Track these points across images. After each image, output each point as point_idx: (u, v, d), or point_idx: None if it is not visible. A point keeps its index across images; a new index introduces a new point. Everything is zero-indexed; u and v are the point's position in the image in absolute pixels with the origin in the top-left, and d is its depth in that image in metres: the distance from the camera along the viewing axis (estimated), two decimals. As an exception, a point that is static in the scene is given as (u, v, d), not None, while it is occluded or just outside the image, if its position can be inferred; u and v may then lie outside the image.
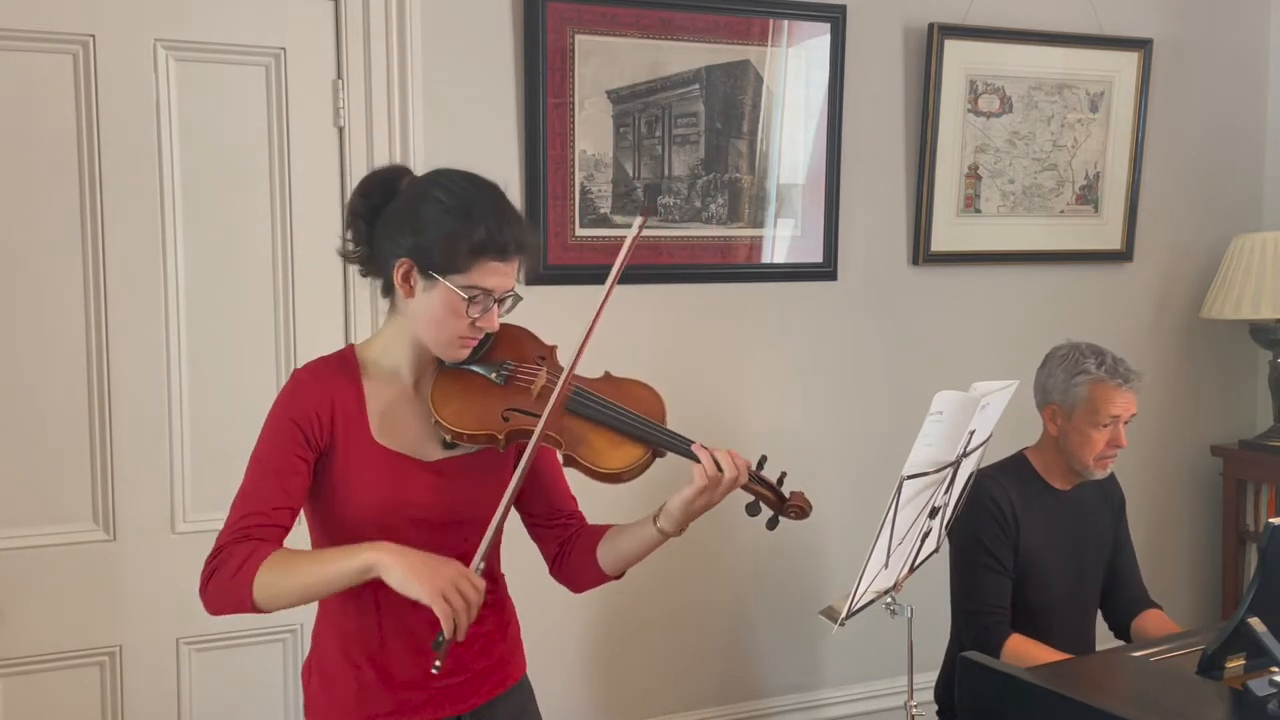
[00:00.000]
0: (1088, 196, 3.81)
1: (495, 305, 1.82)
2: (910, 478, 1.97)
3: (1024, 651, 2.64)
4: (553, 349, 1.95)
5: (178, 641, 2.84)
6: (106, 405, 2.75)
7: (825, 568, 3.54)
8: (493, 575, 1.96)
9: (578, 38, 3.09)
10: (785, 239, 3.41)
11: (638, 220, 1.88)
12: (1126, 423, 2.78)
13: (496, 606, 1.97)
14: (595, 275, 2.99)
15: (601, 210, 3.16)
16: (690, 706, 3.42)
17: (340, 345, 2.89)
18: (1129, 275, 3.93)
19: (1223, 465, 4.02)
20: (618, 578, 1.99)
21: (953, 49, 3.53)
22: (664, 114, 3.21)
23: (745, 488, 1.88)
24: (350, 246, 1.91)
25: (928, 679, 3.00)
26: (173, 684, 2.84)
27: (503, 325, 1.89)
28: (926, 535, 2.20)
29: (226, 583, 1.74)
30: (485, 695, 1.94)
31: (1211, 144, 4.03)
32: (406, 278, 1.81)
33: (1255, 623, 2.14)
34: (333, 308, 2.93)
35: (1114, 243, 3.87)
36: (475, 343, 1.86)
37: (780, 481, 1.95)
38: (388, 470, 1.83)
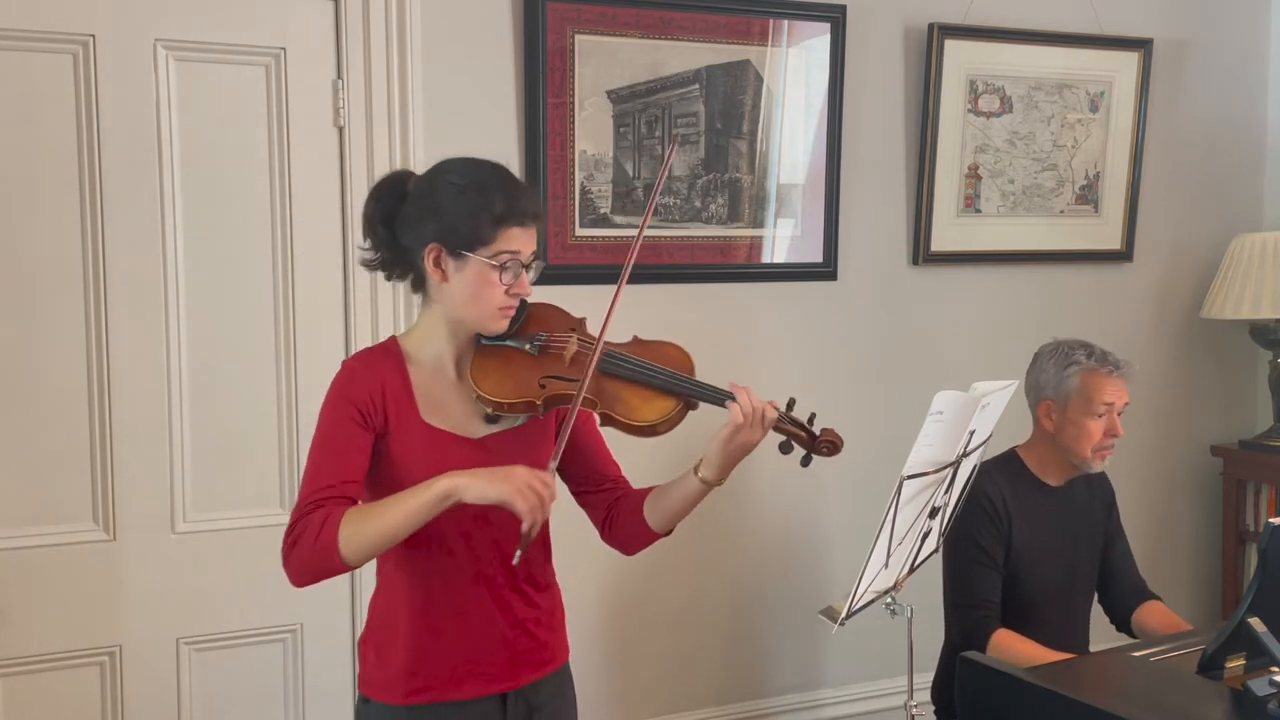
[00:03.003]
0: (1088, 196, 3.81)
1: (524, 270, 1.91)
2: (910, 478, 1.97)
3: (1010, 646, 2.65)
4: (581, 320, 2.04)
5: (178, 641, 2.84)
6: (106, 405, 2.75)
7: (825, 568, 3.55)
8: (543, 568, 2.06)
9: (578, 38, 3.09)
10: (785, 239, 3.41)
11: (669, 152, 2.05)
12: (1120, 412, 2.80)
13: (545, 595, 2.06)
14: (596, 275, 3.01)
15: (601, 210, 3.16)
16: (690, 706, 3.42)
17: (340, 345, 2.93)
18: (1129, 275, 3.93)
19: (1223, 465, 4.02)
20: (667, 534, 2.08)
21: (953, 49, 3.53)
22: (664, 114, 3.21)
23: (777, 428, 1.96)
24: (370, 254, 1.98)
25: (927, 679, 3.00)
26: (173, 684, 2.84)
27: (532, 304, 2.00)
28: (926, 535, 2.20)
29: (310, 547, 1.82)
30: (530, 675, 2.02)
31: (1211, 144, 4.03)
32: (438, 262, 1.90)
33: (1255, 623, 2.14)
34: (333, 308, 2.93)
35: (1114, 243, 3.87)
36: (513, 311, 1.95)
37: (811, 421, 2.01)
38: (438, 449, 1.92)
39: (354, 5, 2.88)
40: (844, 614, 2.05)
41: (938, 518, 2.19)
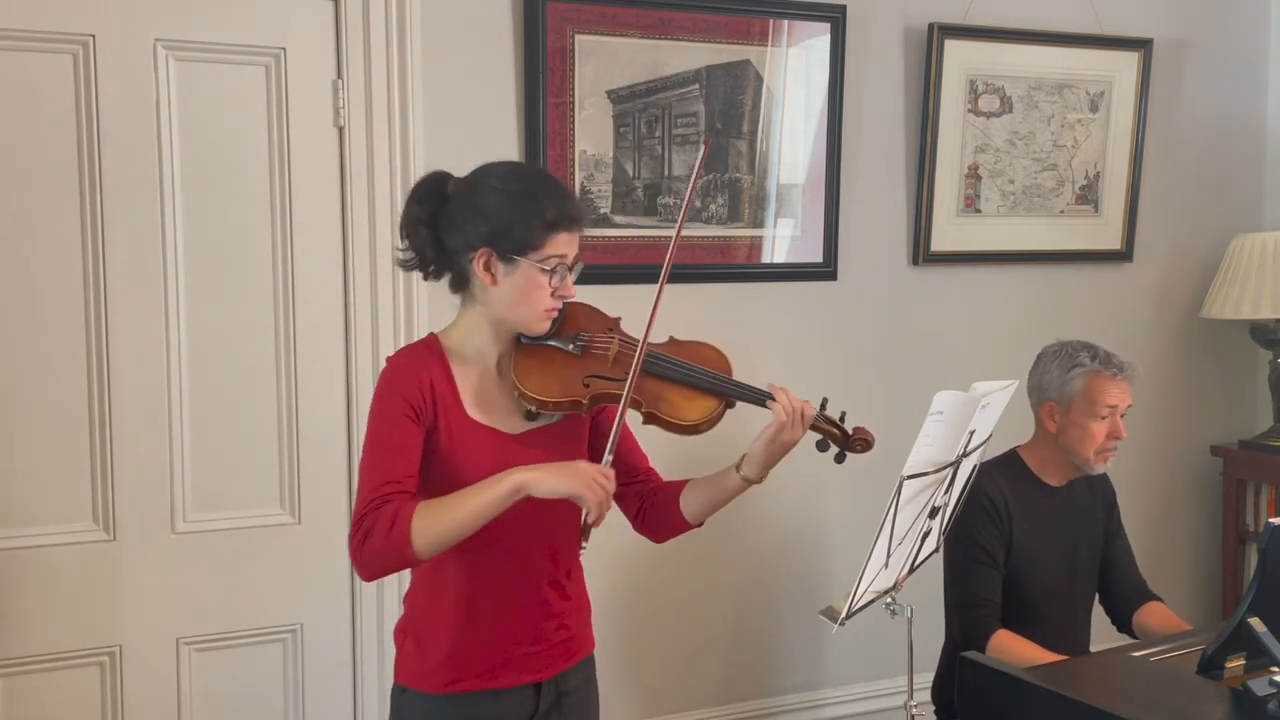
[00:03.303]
0: (1088, 196, 3.81)
1: (569, 273, 1.97)
2: (910, 478, 1.97)
3: (1010, 646, 2.65)
4: (617, 320, 2.11)
5: (178, 641, 2.84)
6: (106, 405, 2.75)
7: (826, 568, 3.54)
8: (575, 562, 2.12)
9: (578, 38, 3.09)
10: (785, 239, 3.41)
11: (701, 147, 2.16)
12: (1124, 414, 2.79)
13: (576, 587, 2.14)
14: (596, 276, 2.99)
15: (601, 210, 3.16)
16: (691, 706, 3.42)
17: (340, 345, 2.93)
18: (1129, 275, 3.93)
19: (1223, 465, 4.02)
20: (698, 525, 2.16)
21: (953, 49, 3.53)
22: (664, 114, 3.21)
23: (814, 426, 2.06)
24: (408, 255, 2.02)
25: (928, 679, 3.00)
26: (173, 684, 2.84)
27: (571, 303, 2.06)
28: (926, 535, 2.20)
29: (382, 541, 1.84)
30: (560, 665, 2.10)
31: (1211, 144, 4.03)
32: (488, 266, 1.95)
33: (1255, 623, 2.14)
34: (333, 307, 2.93)
35: (1114, 243, 3.87)
36: (556, 313, 2.01)
37: (842, 419, 2.10)
38: (483, 444, 1.97)
39: (354, 5, 2.88)
40: (844, 614, 2.05)
41: (938, 518, 2.19)
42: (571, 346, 2.03)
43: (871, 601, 2.15)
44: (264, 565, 2.91)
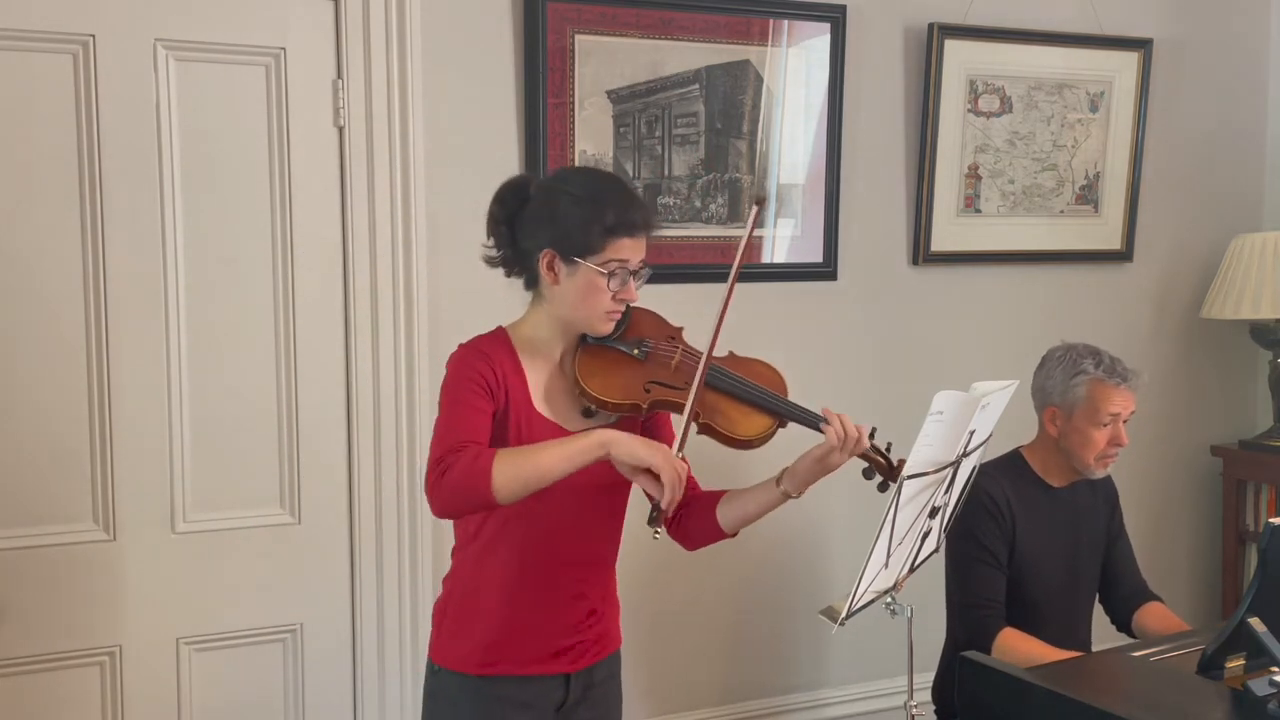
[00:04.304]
0: (1088, 196, 3.81)
1: (631, 278, 2.03)
2: (910, 478, 1.97)
3: (1016, 646, 2.65)
4: (679, 329, 2.17)
5: (178, 641, 2.84)
6: (106, 405, 2.75)
7: (825, 568, 3.54)
8: (606, 562, 2.19)
9: (578, 38, 3.09)
10: (785, 239, 3.41)
11: (752, 212, 2.16)
12: (1126, 421, 2.79)
13: (609, 586, 2.21)
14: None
15: (601, 210, 3.15)
16: (691, 706, 3.42)
17: (340, 345, 2.93)
18: (1129, 275, 3.93)
19: (1223, 465, 4.02)
20: (733, 535, 2.20)
21: (953, 49, 3.53)
22: (664, 114, 3.21)
23: (864, 455, 2.10)
24: (494, 252, 2.10)
25: (928, 679, 3.00)
26: (173, 684, 2.84)
27: (636, 309, 2.12)
28: (926, 535, 2.20)
29: (463, 474, 1.86)
30: (591, 658, 2.17)
31: (1211, 144, 4.03)
32: (551, 266, 2.02)
33: (1255, 623, 2.14)
34: (333, 307, 2.93)
35: (1114, 243, 3.87)
36: (619, 315, 2.06)
37: (888, 449, 2.14)
38: (547, 435, 2.02)
39: (354, 5, 2.88)
40: (844, 614, 2.05)
41: (938, 518, 2.19)
42: (636, 351, 2.09)
43: (871, 601, 2.15)
44: (264, 565, 2.91)
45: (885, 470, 2.13)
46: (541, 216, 2.03)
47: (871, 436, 2.11)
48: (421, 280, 2.95)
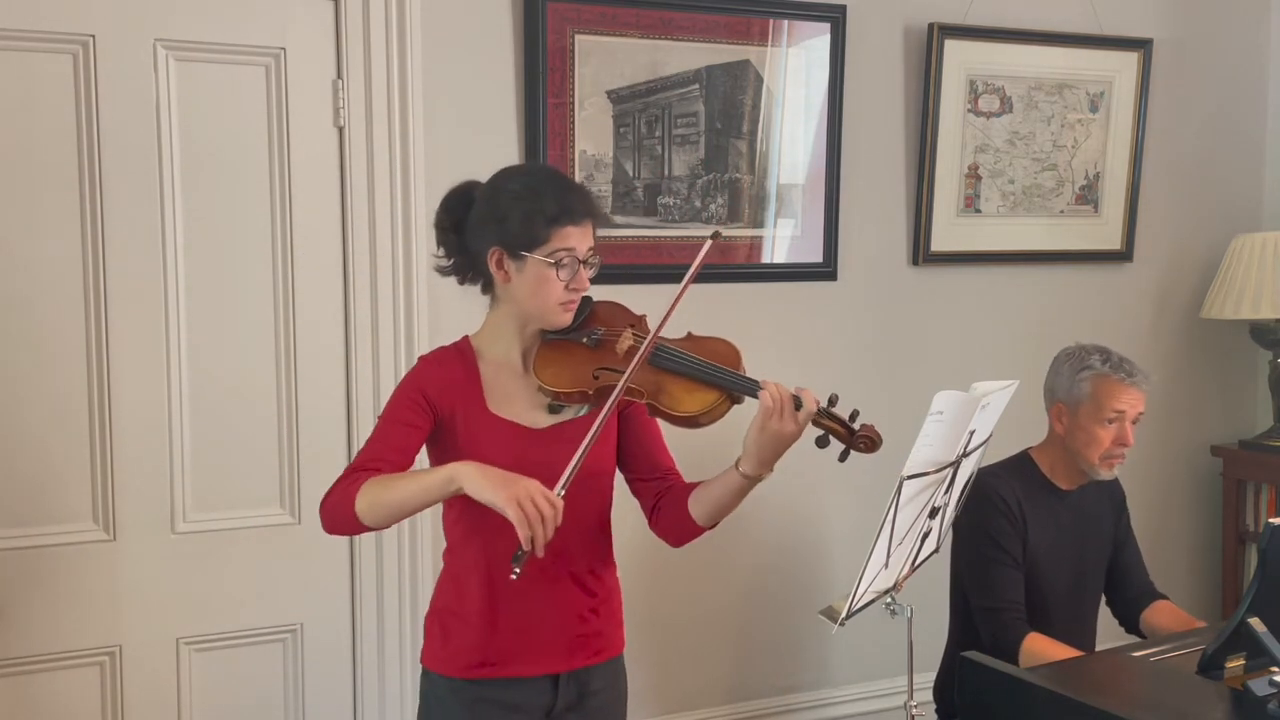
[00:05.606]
0: (1088, 196, 3.81)
1: (581, 267, 2.03)
2: (910, 478, 1.97)
3: (1044, 651, 2.61)
4: (641, 317, 2.14)
5: (178, 641, 2.84)
6: (106, 405, 2.75)
7: (825, 568, 3.54)
8: (603, 560, 2.18)
9: (578, 38, 3.09)
10: (785, 239, 3.41)
11: (706, 245, 2.11)
12: (1134, 422, 2.78)
13: (603, 585, 2.17)
14: (596, 275, 3.00)
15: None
16: (691, 706, 3.42)
17: (340, 345, 2.93)
18: (1129, 275, 3.93)
19: (1223, 465, 4.02)
20: (711, 528, 2.16)
21: (953, 49, 3.53)
22: (664, 114, 3.21)
23: (816, 422, 2.04)
24: (444, 261, 2.13)
25: (928, 679, 3.00)
26: (173, 684, 2.84)
27: (597, 301, 2.12)
28: (926, 535, 2.20)
29: (336, 498, 1.98)
30: (581, 660, 2.14)
31: (1211, 144, 4.03)
32: (500, 264, 2.04)
33: (1255, 623, 2.14)
34: (333, 307, 2.93)
35: (1114, 243, 3.87)
36: (575, 305, 2.07)
37: (852, 418, 2.07)
38: (501, 436, 2.05)
39: (354, 5, 2.88)
40: (844, 614, 2.05)
41: (938, 518, 2.19)
42: (587, 340, 2.09)
43: (872, 602, 2.15)
44: (264, 565, 2.91)
45: (844, 437, 2.05)
46: (486, 217, 2.04)
47: (832, 404, 2.07)
48: (421, 280, 2.94)
